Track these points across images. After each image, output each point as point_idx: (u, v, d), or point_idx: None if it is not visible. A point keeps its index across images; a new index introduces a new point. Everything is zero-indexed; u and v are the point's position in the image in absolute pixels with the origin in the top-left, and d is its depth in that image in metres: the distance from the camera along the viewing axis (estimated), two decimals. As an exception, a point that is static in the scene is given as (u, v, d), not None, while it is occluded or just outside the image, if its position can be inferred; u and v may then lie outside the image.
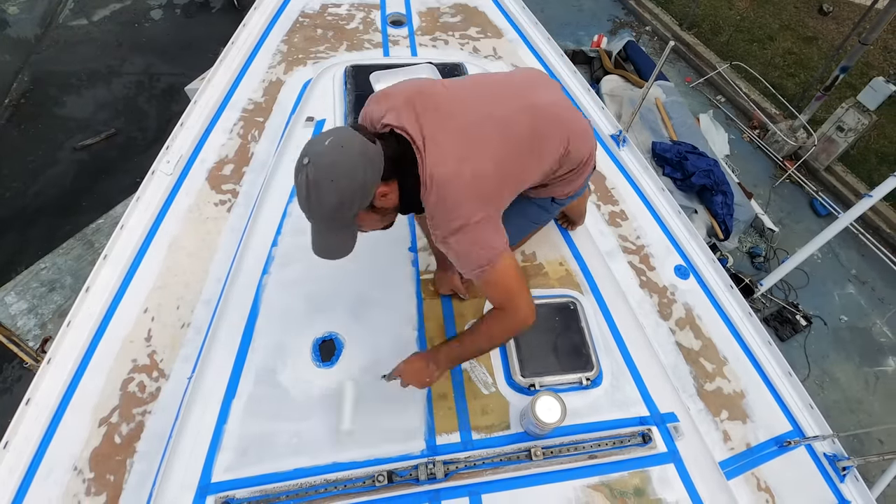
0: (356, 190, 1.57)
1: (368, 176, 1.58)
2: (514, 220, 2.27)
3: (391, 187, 1.68)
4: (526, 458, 2.05)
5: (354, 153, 1.57)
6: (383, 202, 1.69)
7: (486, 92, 1.93)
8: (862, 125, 6.76)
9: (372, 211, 1.70)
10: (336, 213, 1.61)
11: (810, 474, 2.31)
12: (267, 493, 1.91)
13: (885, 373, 5.74)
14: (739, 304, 2.74)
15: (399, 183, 1.71)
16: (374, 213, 1.72)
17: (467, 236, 1.69)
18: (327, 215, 1.63)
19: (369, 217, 1.72)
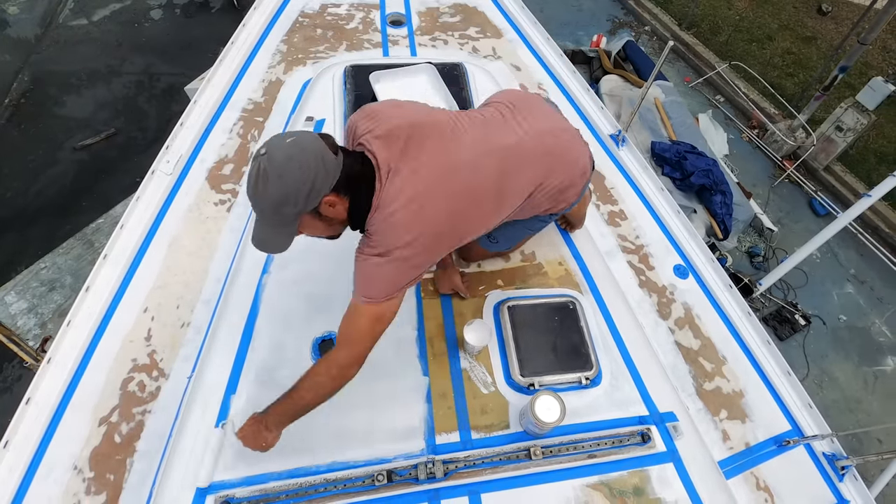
0: (302, 191, 1.59)
1: (318, 183, 1.60)
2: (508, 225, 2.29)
3: (341, 201, 1.71)
4: (525, 458, 2.06)
5: (310, 157, 1.60)
6: (329, 212, 1.71)
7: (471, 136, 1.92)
8: (861, 125, 6.76)
9: (317, 217, 1.72)
10: (278, 208, 1.62)
11: (809, 473, 2.30)
12: (266, 493, 1.92)
13: (884, 372, 5.75)
14: (738, 304, 2.74)
15: (351, 200, 1.73)
16: (318, 220, 1.74)
17: (384, 267, 1.72)
18: (269, 208, 1.64)
19: (313, 222, 1.74)
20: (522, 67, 3.83)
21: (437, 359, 2.31)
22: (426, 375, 2.26)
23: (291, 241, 1.76)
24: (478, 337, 2.20)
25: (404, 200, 1.68)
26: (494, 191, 1.89)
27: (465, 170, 1.82)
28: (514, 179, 1.95)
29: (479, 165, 1.85)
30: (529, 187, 2.00)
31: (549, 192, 2.09)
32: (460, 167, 1.81)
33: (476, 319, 2.22)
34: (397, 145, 1.75)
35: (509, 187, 1.94)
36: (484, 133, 1.95)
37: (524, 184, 1.99)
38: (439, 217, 1.74)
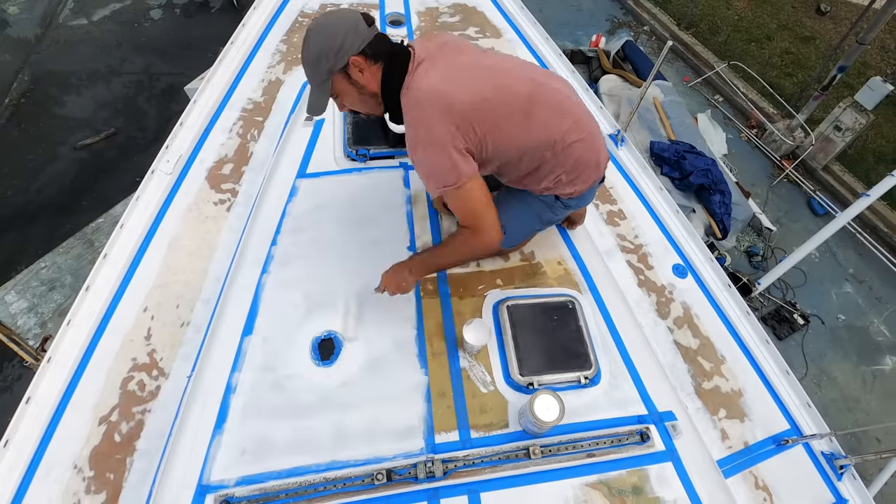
0: (331, 47, 1.84)
1: (346, 42, 1.85)
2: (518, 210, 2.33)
3: (369, 67, 1.92)
4: (524, 457, 2.05)
5: (344, 19, 1.88)
6: (358, 76, 1.92)
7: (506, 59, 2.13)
8: (859, 125, 6.77)
9: (348, 80, 1.94)
10: (316, 63, 1.89)
11: (808, 473, 2.31)
12: (266, 492, 1.92)
13: (883, 371, 5.76)
14: (737, 303, 2.74)
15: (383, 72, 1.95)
16: (349, 84, 1.95)
17: (433, 154, 1.90)
18: (310, 64, 1.91)
19: (347, 87, 1.97)
20: (522, 67, 3.83)
21: (436, 358, 2.31)
22: (425, 375, 2.26)
23: (327, 103, 2.01)
24: (477, 336, 2.20)
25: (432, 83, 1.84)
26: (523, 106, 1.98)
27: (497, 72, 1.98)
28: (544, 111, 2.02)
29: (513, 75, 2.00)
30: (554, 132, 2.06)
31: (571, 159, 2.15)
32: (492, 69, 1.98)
33: (475, 319, 2.23)
34: (434, 43, 1.98)
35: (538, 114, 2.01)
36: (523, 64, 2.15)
37: (553, 120, 2.05)
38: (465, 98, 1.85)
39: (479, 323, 2.22)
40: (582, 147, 2.13)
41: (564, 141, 2.08)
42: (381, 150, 3.01)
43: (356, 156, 2.96)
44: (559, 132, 2.06)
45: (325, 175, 2.89)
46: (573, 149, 2.11)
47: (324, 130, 3.09)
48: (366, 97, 2.00)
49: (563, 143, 2.08)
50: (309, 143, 3.02)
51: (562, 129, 2.06)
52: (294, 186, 2.80)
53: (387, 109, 2.07)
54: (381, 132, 3.08)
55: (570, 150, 2.11)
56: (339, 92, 1.99)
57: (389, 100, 1.98)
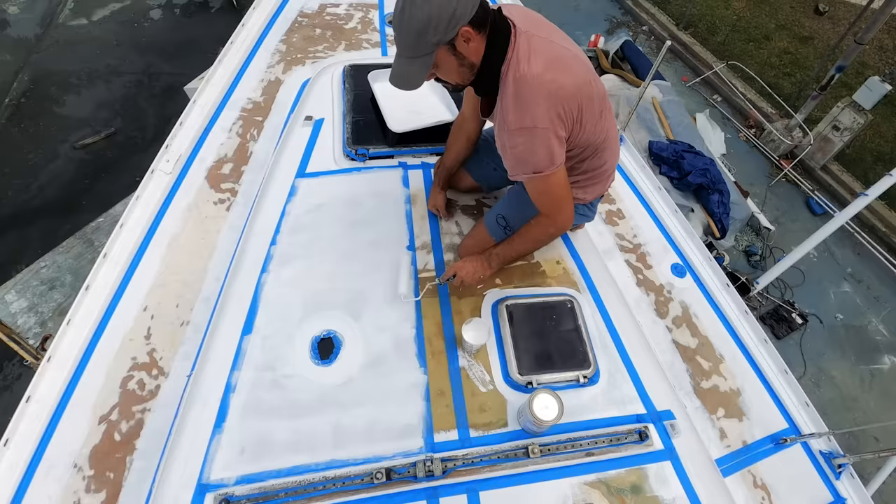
0: (444, 16, 1.69)
1: (460, 10, 1.70)
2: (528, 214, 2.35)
3: (476, 37, 1.81)
4: (523, 456, 2.06)
5: None
6: (465, 49, 1.81)
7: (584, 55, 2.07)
8: (857, 124, 6.77)
9: (452, 53, 1.82)
10: (422, 32, 1.72)
11: (806, 471, 2.31)
12: (266, 491, 1.92)
13: (881, 371, 5.76)
14: (735, 303, 2.76)
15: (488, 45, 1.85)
16: (453, 57, 1.84)
17: (534, 140, 1.87)
18: (413, 34, 1.74)
19: (448, 59, 1.84)
20: (521, 67, 3.83)
21: (435, 357, 2.31)
22: (425, 374, 2.26)
23: (425, 77, 1.89)
24: (476, 335, 2.21)
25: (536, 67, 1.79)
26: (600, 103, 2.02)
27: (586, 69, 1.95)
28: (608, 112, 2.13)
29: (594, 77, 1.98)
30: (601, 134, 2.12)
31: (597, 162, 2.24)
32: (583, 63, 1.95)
33: (474, 318, 2.23)
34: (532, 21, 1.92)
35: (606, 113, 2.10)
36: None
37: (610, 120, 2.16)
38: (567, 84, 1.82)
39: (478, 322, 2.22)
40: (610, 153, 2.25)
41: (605, 147, 2.18)
42: (381, 150, 3.01)
43: (355, 155, 2.97)
44: (603, 137, 2.13)
45: (324, 175, 2.89)
46: (605, 153, 2.22)
47: (323, 130, 3.10)
48: (464, 68, 1.91)
49: (603, 147, 2.17)
50: (308, 142, 3.03)
51: (606, 133, 2.14)
52: (293, 186, 2.81)
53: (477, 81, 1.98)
54: (380, 132, 3.09)
55: (604, 154, 2.21)
56: (439, 63, 1.87)
57: (488, 72, 1.91)
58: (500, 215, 2.48)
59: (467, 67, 1.90)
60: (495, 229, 2.49)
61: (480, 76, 1.94)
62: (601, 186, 2.35)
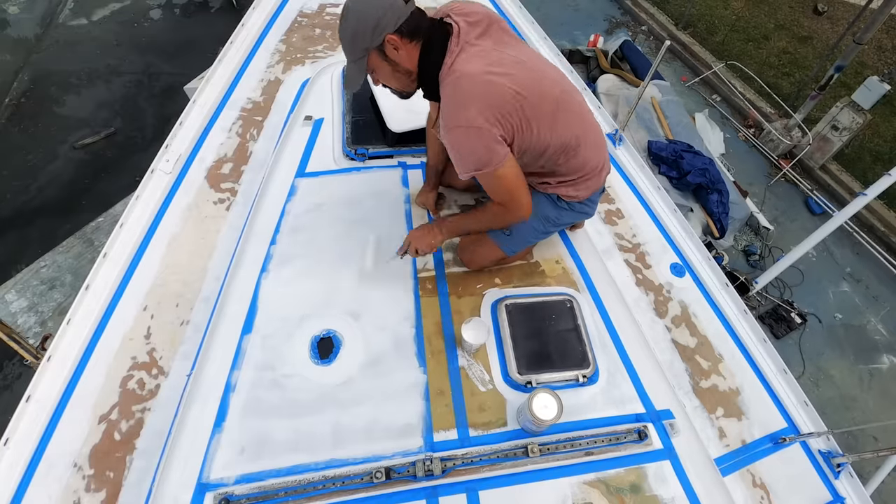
0: (368, 25, 1.84)
1: (383, 21, 1.83)
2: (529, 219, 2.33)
3: (405, 46, 1.92)
4: (523, 455, 2.06)
5: None
6: (394, 55, 1.93)
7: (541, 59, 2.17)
8: (856, 124, 6.78)
9: (383, 58, 1.95)
10: (353, 40, 1.90)
11: (805, 471, 2.31)
12: (265, 490, 1.92)
13: (880, 370, 5.76)
14: (735, 302, 2.76)
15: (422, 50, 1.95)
16: (385, 63, 1.97)
17: (469, 138, 1.90)
18: (347, 41, 1.92)
19: (381, 64, 1.99)
20: (520, 67, 3.84)
21: (434, 356, 2.32)
22: (424, 373, 2.27)
23: (362, 78, 2.01)
24: (476, 335, 2.21)
25: (475, 68, 1.85)
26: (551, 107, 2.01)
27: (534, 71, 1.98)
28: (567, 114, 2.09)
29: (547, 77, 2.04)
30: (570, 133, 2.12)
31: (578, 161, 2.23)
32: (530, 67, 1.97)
33: (474, 318, 2.24)
34: (479, 27, 1.97)
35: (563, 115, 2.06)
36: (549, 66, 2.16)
37: (571, 124, 2.12)
38: (506, 90, 1.85)
39: (477, 322, 2.23)
40: (590, 152, 2.23)
41: (578, 145, 2.16)
42: (380, 150, 3.02)
43: (355, 155, 2.97)
44: (574, 136, 2.13)
45: (324, 174, 2.90)
46: (583, 152, 2.20)
47: (323, 130, 3.10)
48: (400, 74, 2.02)
49: (576, 146, 2.16)
50: (308, 142, 3.03)
51: (576, 133, 2.14)
52: (293, 186, 2.81)
53: (420, 86, 2.09)
54: (379, 132, 3.09)
55: (581, 153, 2.19)
56: (374, 68, 2.01)
57: (426, 78, 2.01)
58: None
59: (403, 73, 2.02)
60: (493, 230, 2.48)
61: (422, 82, 2.06)
62: (594, 182, 2.35)
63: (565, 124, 2.08)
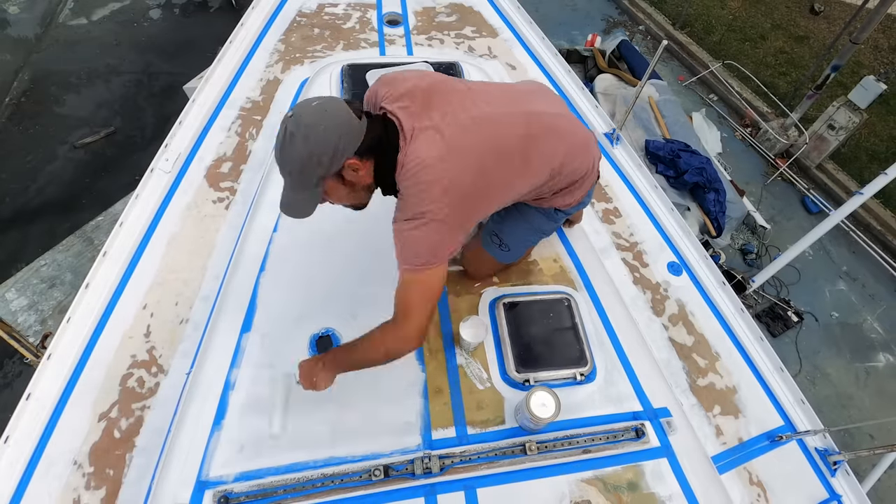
0: (326, 153, 1.63)
1: (342, 145, 1.65)
2: (519, 228, 2.36)
3: (364, 165, 1.74)
4: (521, 453, 2.07)
5: (336, 120, 1.65)
6: (353, 177, 1.75)
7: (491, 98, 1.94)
8: (853, 123, 6.79)
9: (340, 182, 1.76)
10: (303, 170, 1.67)
11: (802, 469, 2.33)
12: (264, 487, 1.94)
13: (876, 368, 5.78)
14: (731, 301, 2.77)
15: (376, 164, 1.77)
16: (342, 185, 1.78)
17: (419, 230, 1.71)
18: (295, 170, 1.69)
19: (337, 187, 1.78)
20: (518, 66, 3.85)
21: (433, 355, 2.33)
22: (423, 371, 2.28)
23: (316, 206, 1.81)
24: (474, 333, 2.22)
25: (430, 159, 1.68)
26: (521, 149, 1.90)
27: (489, 124, 1.83)
28: (542, 145, 1.97)
29: (505, 121, 1.88)
30: (554, 160, 2.02)
31: (569, 176, 2.14)
32: (484, 121, 1.82)
33: (472, 316, 2.24)
34: (417, 104, 1.78)
35: (536, 151, 1.95)
36: (509, 97, 2.01)
37: (550, 153, 2.00)
38: (466, 174, 1.74)
39: (475, 320, 2.24)
40: (579, 162, 2.13)
41: (563, 165, 2.06)
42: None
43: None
44: (558, 161, 2.04)
45: (323, 173, 2.90)
46: (570, 167, 2.11)
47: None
48: (359, 192, 1.86)
49: (562, 167, 2.07)
50: (307, 141, 3.03)
51: (559, 156, 2.04)
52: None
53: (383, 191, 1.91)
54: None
55: (568, 169, 2.10)
56: (330, 192, 1.81)
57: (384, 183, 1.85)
58: (494, 232, 2.45)
59: (362, 191, 1.87)
60: (490, 245, 2.46)
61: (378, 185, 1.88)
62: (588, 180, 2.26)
63: (542, 158, 1.98)
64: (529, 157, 1.93)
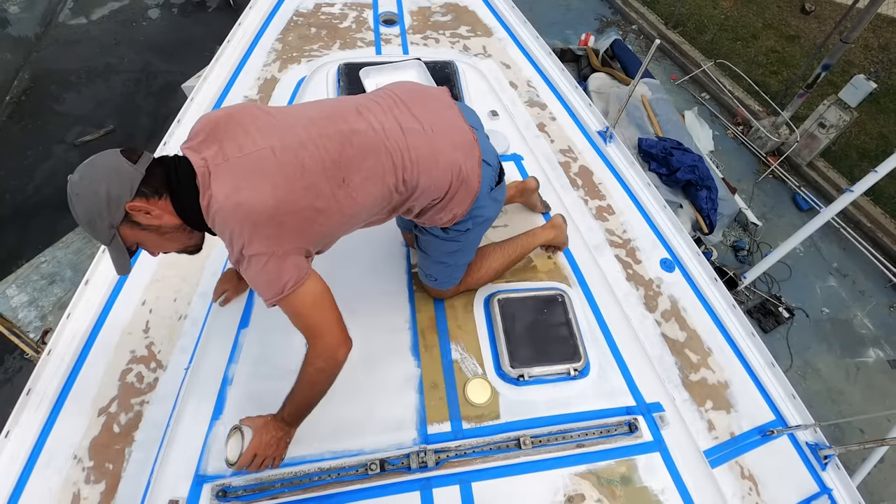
0: (99, 203, 1.57)
1: (113, 192, 1.56)
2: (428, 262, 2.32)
3: (156, 205, 1.64)
4: (515, 447, 2.10)
5: (100, 170, 1.60)
6: (148, 220, 1.64)
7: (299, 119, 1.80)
8: (843, 122, 6.83)
9: (138, 228, 1.65)
10: (90, 225, 1.62)
11: (793, 462, 2.35)
12: (262, 482, 1.96)
13: (866, 364, 5.82)
14: (723, 297, 2.79)
15: (175, 204, 1.67)
16: (142, 231, 1.67)
17: (252, 268, 1.66)
18: (86, 227, 1.64)
19: (140, 234, 1.69)
20: (512, 65, 3.87)
21: (428, 351, 2.35)
22: (418, 367, 2.31)
23: (128, 257, 1.73)
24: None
25: (223, 199, 1.59)
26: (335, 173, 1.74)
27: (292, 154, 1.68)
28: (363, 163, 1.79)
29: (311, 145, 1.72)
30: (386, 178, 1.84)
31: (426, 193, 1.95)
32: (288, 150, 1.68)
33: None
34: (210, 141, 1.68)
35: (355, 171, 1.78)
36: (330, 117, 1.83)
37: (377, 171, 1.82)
38: (264, 199, 1.60)
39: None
40: (427, 178, 1.91)
41: (402, 184, 1.88)
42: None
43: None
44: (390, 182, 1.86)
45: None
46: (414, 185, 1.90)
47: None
48: (172, 234, 1.74)
49: (402, 185, 1.89)
50: (304, 139, 3.04)
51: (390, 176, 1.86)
52: None
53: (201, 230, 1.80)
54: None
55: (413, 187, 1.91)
56: (138, 241, 1.73)
57: (196, 223, 1.71)
58: (426, 273, 2.40)
59: (174, 231, 1.74)
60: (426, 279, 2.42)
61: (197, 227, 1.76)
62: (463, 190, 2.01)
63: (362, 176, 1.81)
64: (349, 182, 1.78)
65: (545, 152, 3.30)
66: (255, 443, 1.85)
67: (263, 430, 1.88)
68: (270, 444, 1.87)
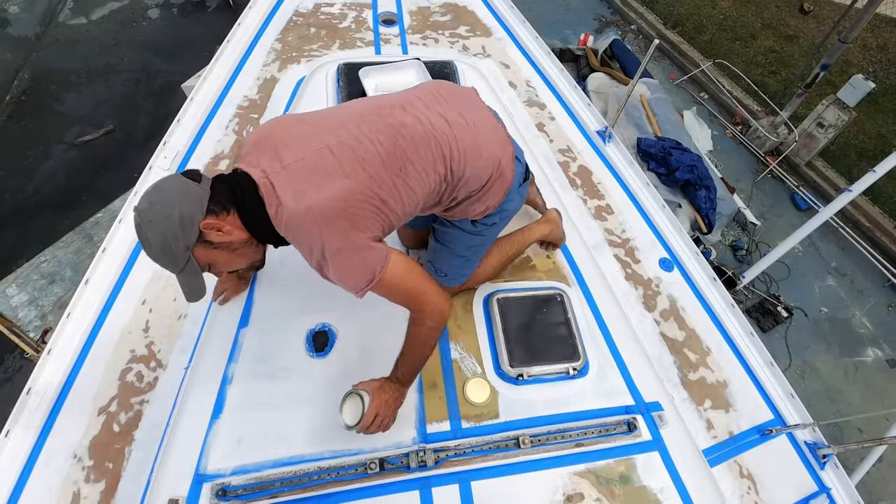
0: (174, 226, 1.57)
1: (186, 212, 1.58)
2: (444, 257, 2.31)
3: (226, 221, 1.68)
4: (514, 446, 2.11)
5: (170, 193, 1.61)
6: (221, 237, 1.68)
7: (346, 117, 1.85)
8: (842, 121, 6.84)
9: (211, 247, 1.69)
10: (165, 251, 1.61)
11: (791, 462, 2.35)
12: (262, 480, 1.96)
13: (864, 363, 5.83)
14: (722, 296, 2.79)
15: (242, 217, 1.71)
16: (216, 250, 1.71)
17: (336, 264, 1.69)
18: (160, 255, 1.64)
19: (213, 253, 1.71)
20: (511, 65, 3.88)
21: (427, 350, 2.35)
22: None
23: (203, 282, 1.75)
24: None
25: (292, 202, 1.63)
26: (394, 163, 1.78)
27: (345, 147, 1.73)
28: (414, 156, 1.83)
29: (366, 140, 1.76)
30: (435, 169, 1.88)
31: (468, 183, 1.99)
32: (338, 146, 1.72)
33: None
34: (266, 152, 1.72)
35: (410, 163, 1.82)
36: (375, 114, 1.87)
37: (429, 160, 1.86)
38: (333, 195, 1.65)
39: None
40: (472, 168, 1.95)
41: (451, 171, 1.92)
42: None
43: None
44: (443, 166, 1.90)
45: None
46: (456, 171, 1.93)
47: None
48: (242, 249, 1.78)
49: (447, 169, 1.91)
50: (304, 139, 3.05)
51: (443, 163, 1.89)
52: None
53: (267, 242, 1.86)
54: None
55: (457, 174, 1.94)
56: (210, 262, 1.75)
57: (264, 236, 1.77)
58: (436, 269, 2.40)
59: (245, 247, 1.79)
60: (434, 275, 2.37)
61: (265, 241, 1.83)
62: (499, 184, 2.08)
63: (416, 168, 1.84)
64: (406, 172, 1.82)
65: (544, 152, 3.30)
66: (375, 403, 1.93)
67: (381, 391, 1.97)
68: (389, 404, 1.97)
